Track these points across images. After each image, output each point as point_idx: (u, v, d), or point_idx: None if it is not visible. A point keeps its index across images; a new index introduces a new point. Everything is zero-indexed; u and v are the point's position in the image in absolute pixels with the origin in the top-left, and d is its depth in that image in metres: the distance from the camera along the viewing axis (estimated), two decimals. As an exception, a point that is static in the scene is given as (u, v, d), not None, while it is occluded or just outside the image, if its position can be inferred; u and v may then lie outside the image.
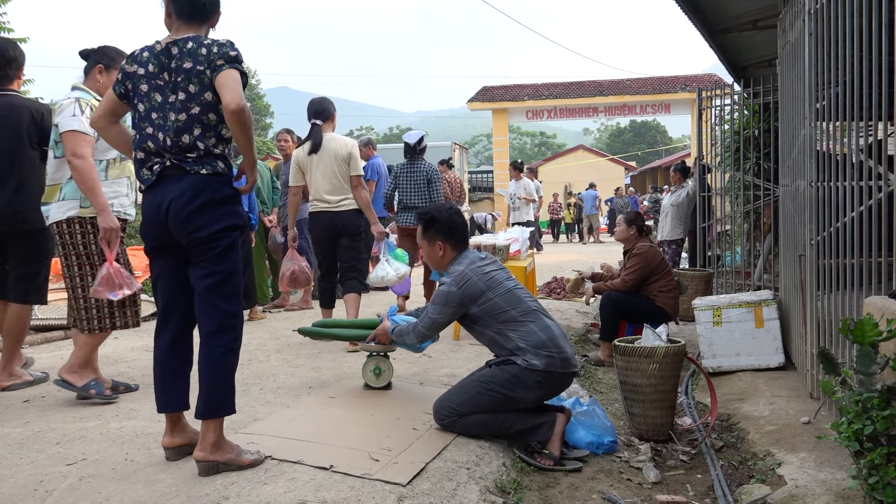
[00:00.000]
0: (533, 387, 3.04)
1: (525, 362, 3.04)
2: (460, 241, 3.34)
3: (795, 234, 4.17)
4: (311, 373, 4.31)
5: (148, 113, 2.64)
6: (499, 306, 3.15)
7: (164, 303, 2.75)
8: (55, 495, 2.48)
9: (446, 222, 3.33)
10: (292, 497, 2.38)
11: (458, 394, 3.11)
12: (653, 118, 52.16)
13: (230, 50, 2.58)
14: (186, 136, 2.57)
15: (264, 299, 7.29)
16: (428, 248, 3.37)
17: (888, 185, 3.00)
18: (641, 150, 53.06)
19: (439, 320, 3.24)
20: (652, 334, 3.56)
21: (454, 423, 3.04)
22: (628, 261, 4.93)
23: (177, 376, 2.73)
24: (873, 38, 2.92)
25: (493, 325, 3.17)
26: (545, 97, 22.31)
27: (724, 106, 7.13)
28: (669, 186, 9.10)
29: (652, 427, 3.47)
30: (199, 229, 2.57)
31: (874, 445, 2.01)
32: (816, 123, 3.70)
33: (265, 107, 44.09)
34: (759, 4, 5.48)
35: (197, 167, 2.58)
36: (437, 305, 3.22)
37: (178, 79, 2.57)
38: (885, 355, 2.13)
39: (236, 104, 2.49)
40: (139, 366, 4.58)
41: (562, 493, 2.80)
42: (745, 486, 2.77)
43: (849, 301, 3.25)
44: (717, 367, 4.47)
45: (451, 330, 5.56)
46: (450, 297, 3.18)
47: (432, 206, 3.41)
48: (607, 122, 68.13)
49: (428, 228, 3.35)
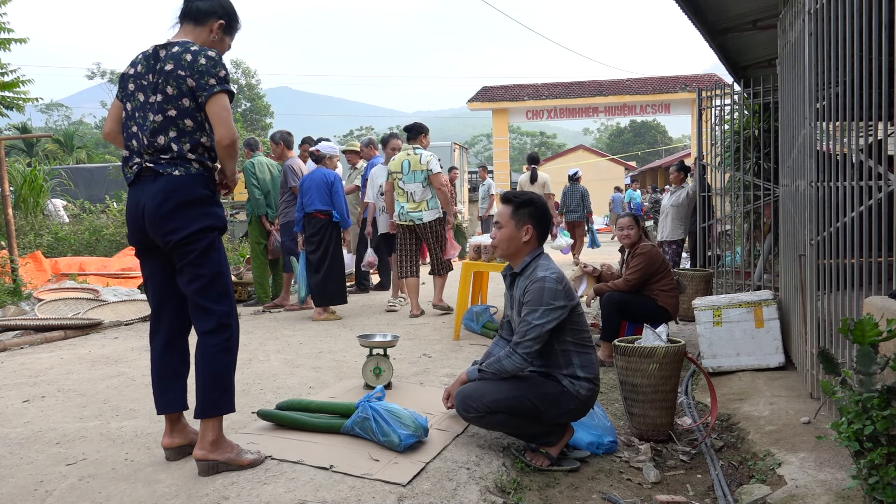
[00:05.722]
0: (565, 411, 2.96)
1: (572, 386, 2.94)
2: (543, 235, 3.10)
3: (795, 234, 4.17)
4: (311, 373, 4.31)
5: (133, 112, 2.67)
6: (580, 322, 2.97)
7: (155, 304, 2.76)
8: (55, 495, 2.48)
9: (542, 209, 3.09)
10: (292, 497, 2.38)
11: (492, 391, 2.91)
12: (653, 118, 52.20)
13: (220, 69, 2.59)
14: (162, 137, 2.58)
15: (265, 299, 7.30)
16: (514, 229, 3.03)
17: (888, 185, 3.00)
18: (641, 150, 53.04)
19: (548, 325, 2.85)
20: (652, 334, 3.56)
21: (480, 419, 2.94)
22: (632, 260, 4.92)
23: (173, 377, 2.74)
24: (873, 38, 2.92)
25: (565, 342, 2.95)
26: (545, 97, 22.31)
27: (724, 106, 7.12)
28: (669, 186, 9.10)
29: (652, 427, 3.47)
30: (173, 231, 2.57)
31: (874, 445, 2.01)
32: (816, 123, 3.70)
33: (265, 107, 44.06)
34: (759, 4, 5.48)
35: (170, 168, 2.58)
36: (542, 308, 2.85)
37: (159, 80, 2.59)
38: (885, 355, 2.13)
39: (229, 140, 2.58)
40: (139, 366, 4.58)
41: (562, 493, 2.80)
42: (745, 486, 2.77)
43: (849, 301, 3.25)
44: (717, 367, 4.47)
45: (452, 330, 5.56)
46: (556, 294, 2.87)
47: (526, 192, 3.19)
48: (607, 122, 68.15)
49: (521, 208, 3.05)
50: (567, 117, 23.08)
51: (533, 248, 3.06)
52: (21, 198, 11.81)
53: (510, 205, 3.08)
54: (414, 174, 6.23)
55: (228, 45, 2.83)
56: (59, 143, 32.93)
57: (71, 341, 5.70)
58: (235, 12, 2.80)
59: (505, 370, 2.91)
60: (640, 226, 5.06)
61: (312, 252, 6.34)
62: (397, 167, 6.32)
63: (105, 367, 4.60)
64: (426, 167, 6.21)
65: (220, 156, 2.65)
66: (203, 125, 2.62)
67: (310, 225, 6.36)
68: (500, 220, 3.09)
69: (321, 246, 6.32)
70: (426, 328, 5.82)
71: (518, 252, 3.06)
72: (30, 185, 12.04)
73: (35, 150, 30.72)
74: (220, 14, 2.74)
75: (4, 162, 7.29)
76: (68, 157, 30.77)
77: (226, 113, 2.58)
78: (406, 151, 6.36)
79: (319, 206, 6.30)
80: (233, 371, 2.65)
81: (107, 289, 7.47)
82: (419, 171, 6.21)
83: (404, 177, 6.27)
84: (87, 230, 10.75)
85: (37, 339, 5.61)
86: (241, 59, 43.00)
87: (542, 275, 2.92)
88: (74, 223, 11.96)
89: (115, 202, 12.61)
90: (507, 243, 3.06)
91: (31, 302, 6.81)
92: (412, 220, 6.27)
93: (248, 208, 7.28)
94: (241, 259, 9.10)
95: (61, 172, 16.12)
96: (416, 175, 6.23)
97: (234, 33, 2.83)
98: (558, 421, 3.02)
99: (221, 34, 2.76)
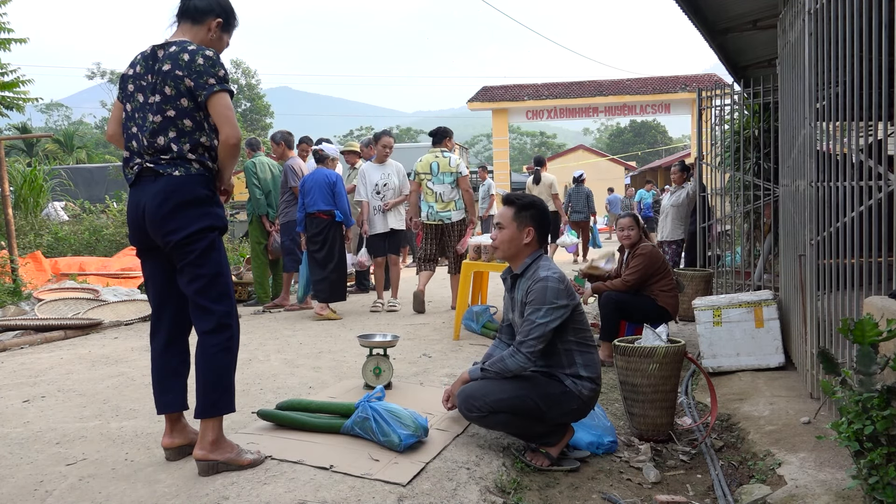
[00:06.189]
0: (567, 411, 2.97)
1: (574, 386, 2.94)
2: (543, 237, 3.10)
3: (795, 234, 4.17)
4: (311, 373, 4.31)
5: (133, 113, 2.66)
6: (581, 321, 2.98)
7: (155, 304, 2.76)
8: (55, 495, 2.48)
9: (543, 211, 3.11)
10: (292, 497, 2.38)
11: (495, 390, 2.90)
12: (653, 118, 52.21)
13: (219, 68, 2.58)
14: (161, 137, 2.58)
15: (265, 299, 7.31)
16: (515, 230, 3.04)
17: (888, 185, 3.00)
18: (641, 150, 53.06)
19: (551, 324, 2.86)
20: (652, 334, 3.56)
21: (483, 418, 2.94)
22: (631, 260, 4.92)
23: (174, 377, 2.74)
24: (873, 38, 2.92)
25: (567, 341, 2.96)
26: (545, 97, 22.32)
27: (724, 106, 7.12)
28: (669, 186, 9.09)
29: (652, 427, 3.47)
30: (173, 231, 2.57)
31: (874, 445, 2.01)
32: (816, 123, 3.70)
33: (265, 107, 44.07)
34: (759, 4, 5.48)
35: (170, 169, 2.58)
36: (546, 307, 2.86)
37: (157, 81, 2.59)
38: (885, 355, 2.13)
39: (236, 138, 2.58)
40: (139, 366, 4.57)
41: (562, 493, 2.79)
42: (745, 486, 2.77)
43: (849, 301, 3.25)
44: (717, 367, 4.47)
45: (452, 330, 5.56)
46: (559, 293, 2.88)
47: (527, 194, 3.20)
48: (607, 122, 68.17)
49: (523, 211, 3.06)
50: (567, 117, 23.10)
51: (533, 249, 3.07)
52: (21, 198, 11.82)
53: (512, 206, 3.09)
54: (443, 176, 6.47)
55: (227, 43, 2.82)
56: (59, 143, 32.95)
57: (71, 341, 5.70)
58: (233, 9, 2.79)
59: (508, 369, 2.90)
60: (640, 226, 5.06)
61: (317, 251, 6.40)
62: (425, 168, 6.54)
63: (105, 367, 4.60)
64: (456, 169, 6.47)
65: (223, 156, 2.63)
66: (202, 125, 2.62)
67: (312, 225, 6.40)
68: (502, 221, 3.09)
69: (325, 245, 6.40)
70: (426, 328, 5.83)
71: (519, 254, 3.06)
72: (30, 185, 12.05)
73: (35, 150, 30.73)
74: (217, 12, 2.73)
75: (4, 162, 7.29)
76: (68, 158, 30.79)
77: (229, 112, 2.57)
78: (434, 153, 6.57)
79: (322, 207, 6.36)
80: (233, 371, 2.65)
81: (107, 289, 7.47)
82: (448, 173, 6.46)
83: (433, 178, 6.48)
84: (87, 230, 10.76)
85: (37, 339, 5.61)
86: (240, 59, 43.02)
87: (544, 274, 2.93)
88: (74, 223, 11.97)
89: (115, 202, 12.62)
90: (508, 245, 3.06)
91: (31, 302, 6.81)
92: (441, 219, 6.49)
93: (248, 208, 7.30)
94: (241, 259, 9.11)
95: (61, 172, 16.14)
96: (445, 177, 6.46)
97: (231, 30, 2.82)
98: (560, 421, 3.02)
99: (219, 32, 2.75)
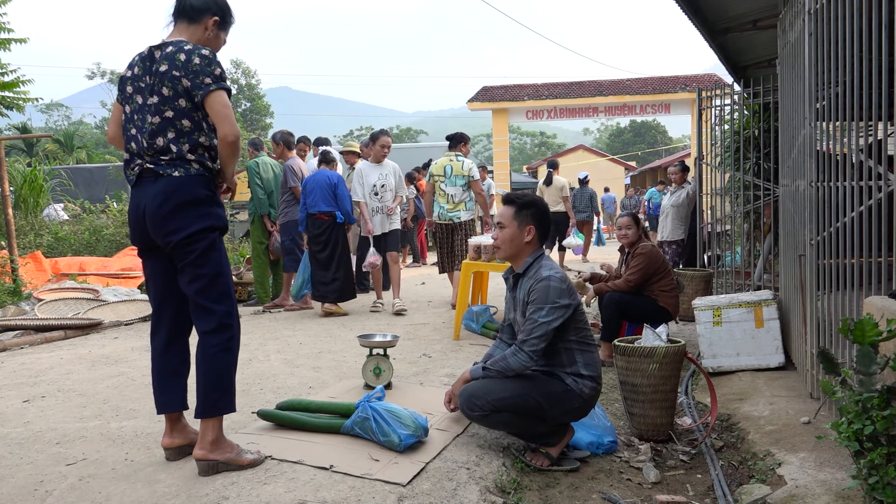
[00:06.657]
0: (568, 410, 2.97)
1: (575, 384, 2.95)
2: (543, 236, 3.11)
3: (795, 234, 4.17)
4: (311, 373, 4.31)
5: (132, 114, 2.66)
6: (582, 321, 2.99)
7: (155, 304, 2.76)
8: (55, 495, 2.48)
9: (544, 210, 3.11)
10: (292, 497, 2.38)
11: (497, 389, 2.91)
12: (653, 118, 52.18)
13: (215, 66, 2.58)
14: (160, 138, 2.58)
15: (266, 299, 7.31)
16: (516, 229, 3.04)
17: (888, 185, 3.00)
18: (641, 150, 53.05)
19: (554, 323, 2.87)
20: (652, 334, 3.56)
21: (485, 417, 2.94)
22: (632, 260, 4.92)
23: (174, 377, 2.74)
24: (873, 38, 2.92)
25: (568, 340, 2.96)
26: (545, 97, 22.30)
27: (724, 106, 7.12)
28: (669, 186, 9.09)
29: (652, 427, 3.47)
30: (174, 232, 2.57)
31: (874, 445, 2.01)
32: (816, 123, 3.70)
33: (265, 107, 44.05)
34: (759, 4, 5.48)
35: (170, 170, 2.58)
36: (548, 306, 2.86)
37: (155, 81, 2.58)
38: (885, 355, 2.13)
39: (234, 136, 2.57)
40: (139, 366, 4.58)
41: (562, 493, 2.79)
42: (745, 486, 2.77)
43: (849, 301, 3.25)
44: (717, 367, 4.47)
45: (452, 330, 5.56)
46: (561, 292, 2.89)
47: (527, 193, 3.22)
48: (607, 122, 68.16)
49: (523, 209, 3.06)
50: (567, 117, 23.07)
51: (535, 248, 3.08)
52: (21, 198, 11.81)
53: (513, 206, 3.09)
54: (455, 178, 6.69)
55: (224, 41, 2.82)
56: (59, 143, 32.93)
57: (71, 341, 5.70)
58: (229, 7, 2.79)
59: (511, 368, 2.91)
60: (639, 226, 5.06)
61: (320, 251, 6.45)
62: (440, 171, 6.75)
63: (105, 367, 4.60)
64: (468, 173, 6.70)
65: (223, 154, 2.62)
66: (201, 125, 2.61)
67: (314, 226, 6.44)
68: (503, 220, 3.09)
69: (328, 246, 6.44)
70: (426, 328, 5.83)
71: (520, 253, 3.07)
72: (30, 186, 12.05)
73: (35, 150, 30.72)
74: (213, 10, 2.72)
75: (4, 162, 7.29)
76: (68, 158, 30.77)
77: (227, 109, 2.57)
78: (448, 157, 6.80)
79: (324, 208, 6.40)
80: (233, 371, 2.65)
81: (107, 289, 7.47)
82: (460, 176, 6.70)
83: (446, 180, 6.68)
84: (87, 230, 10.75)
85: (37, 339, 5.61)
86: (240, 59, 42.98)
87: (546, 274, 2.94)
88: (74, 223, 11.96)
89: (115, 202, 12.61)
90: (509, 244, 3.07)
91: (31, 302, 6.81)
92: (451, 219, 6.70)
93: (250, 208, 7.30)
94: (242, 259, 9.11)
95: (61, 172, 16.13)
96: (457, 179, 6.68)
97: (228, 28, 2.81)
98: (562, 420, 3.02)
99: (216, 30, 2.75)
